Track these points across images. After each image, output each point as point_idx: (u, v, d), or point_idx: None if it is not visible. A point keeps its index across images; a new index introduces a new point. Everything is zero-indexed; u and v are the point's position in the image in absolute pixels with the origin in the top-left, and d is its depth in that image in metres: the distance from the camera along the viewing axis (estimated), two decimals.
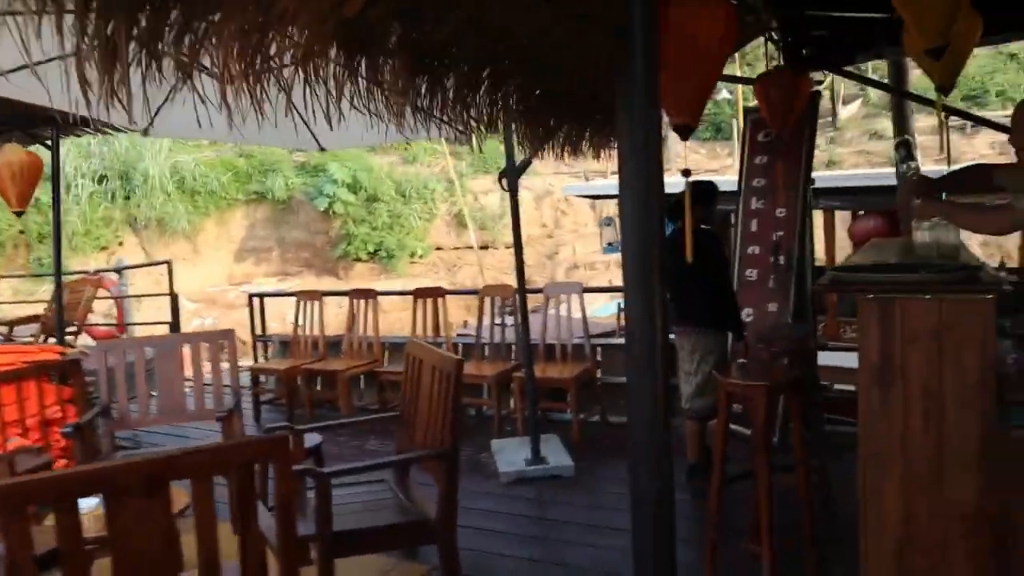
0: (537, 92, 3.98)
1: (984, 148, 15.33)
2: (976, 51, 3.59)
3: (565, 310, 6.03)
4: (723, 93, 18.35)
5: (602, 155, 5.51)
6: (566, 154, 5.08)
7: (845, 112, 19.12)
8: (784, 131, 4.76)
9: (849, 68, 5.27)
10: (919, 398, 2.29)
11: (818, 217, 7.71)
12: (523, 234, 5.16)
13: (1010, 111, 3.09)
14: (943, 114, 3.94)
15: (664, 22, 2.52)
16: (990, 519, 2.25)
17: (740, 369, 3.29)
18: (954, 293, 2.24)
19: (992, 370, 2.22)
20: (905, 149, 3.44)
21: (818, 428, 3.78)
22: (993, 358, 2.22)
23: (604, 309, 14.46)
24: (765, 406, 3.00)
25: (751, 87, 5.59)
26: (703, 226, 4.41)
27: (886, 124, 18.43)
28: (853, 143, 18.17)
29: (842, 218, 9.09)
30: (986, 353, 2.22)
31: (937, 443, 2.28)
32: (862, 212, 8.19)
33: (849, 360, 5.95)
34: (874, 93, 19.14)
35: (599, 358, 5.97)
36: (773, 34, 4.83)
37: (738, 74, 10.63)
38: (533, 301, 6.24)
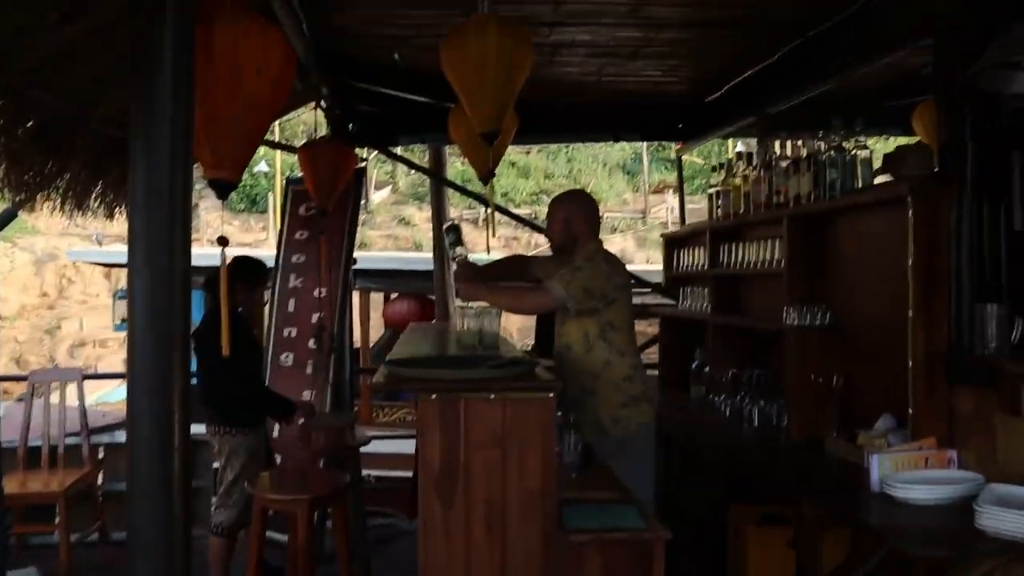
0: (30, 123, 3.10)
1: (494, 242, 17.26)
2: None
3: (62, 399, 4.90)
4: (261, 164, 17.98)
5: (118, 215, 4.66)
6: (71, 210, 4.14)
7: (377, 197, 20.12)
8: (328, 205, 4.51)
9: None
10: (482, 505, 2.06)
11: (354, 298, 7.70)
12: (16, 303, 4.03)
13: (515, 210, 3.30)
14: (489, 208, 4.08)
15: (205, 48, 2.02)
16: None
17: (275, 477, 2.81)
18: (517, 391, 2.07)
19: (553, 472, 2.08)
20: (454, 234, 3.37)
21: (361, 531, 3.44)
22: (553, 459, 2.09)
23: (116, 393, 12.70)
24: (307, 521, 2.55)
25: (288, 159, 5.24)
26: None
27: (413, 211, 19.83)
28: (383, 227, 19.13)
29: (375, 300, 9.24)
30: (547, 454, 2.08)
31: (500, 553, 2.06)
32: (395, 295, 8.39)
33: (385, 446, 5.78)
34: (403, 181, 20.52)
35: (101, 458, 4.92)
36: (323, 102, 4.60)
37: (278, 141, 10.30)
38: (17, 389, 4.97)
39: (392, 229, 19.10)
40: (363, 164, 4.88)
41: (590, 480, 2.54)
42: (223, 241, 2.24)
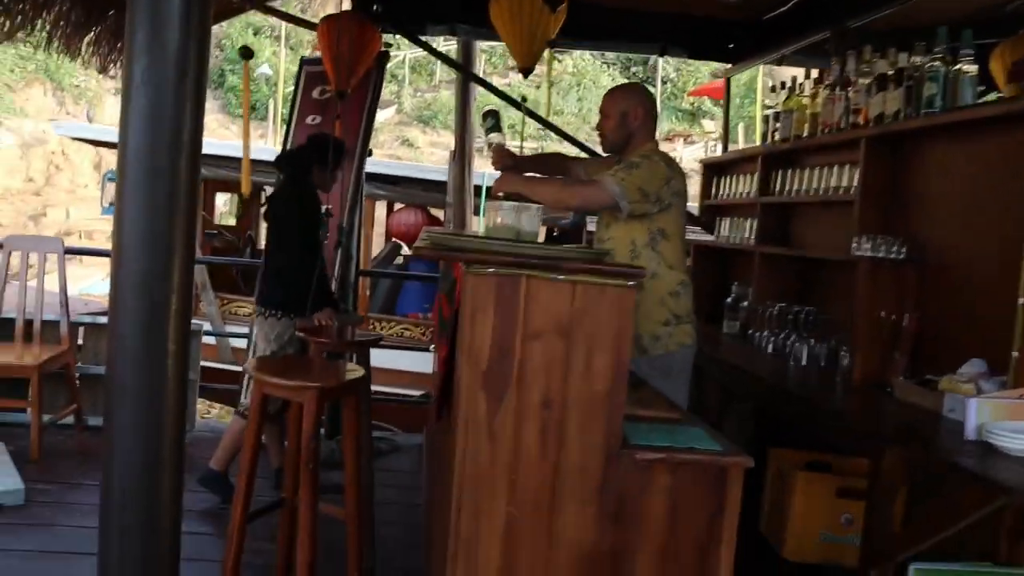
0: None
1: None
2: None
3: (41, 270, 4.49)
4: (263, 67, 17.25)
5: (112, 71, 4.22)
6: (58, 51, 3.67)
7: (380, 116, 19.51)
8: (347, 87, 4.09)
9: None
10: (537, 409, 1.72)
11: None
12: (0, 186, 3.61)
13: (522, 144, 2.98)
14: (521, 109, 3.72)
15: None
16: (605, 563, 1.77)
17: (281, 363, 2.47)
18: (592, 275, 1.71)
19: (625, 376, 1.75)
20: (493, 119, 2.98)
21: (368, 433, 3.12)
22: (627, 360, 1.75)
23: (101, 286, 12.36)
24: (316, 414, 2.21)
25: (292, 66, 4.76)
26: (304, 188, 3.57)
27: (416, 134, 19.28)
28: (386, 147, 18.57)
29: (377, 215, 8.82)
30: (621, 354, 1.74)
31: (553, 465, 1.74)
32: (401, 206, 7.96)
33: (382, 359, 5.47)
34: (408, 102, 19.89)
35: (80, 341, 4.57)
36: None
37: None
38: None
39: (394, 149, 18.53)
40: (387, 50, 4.43)
41: (643, 398, 2.21)
42: (247, 52, 1.86)
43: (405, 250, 8.61)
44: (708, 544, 1.79)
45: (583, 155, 4.13)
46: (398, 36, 4.64)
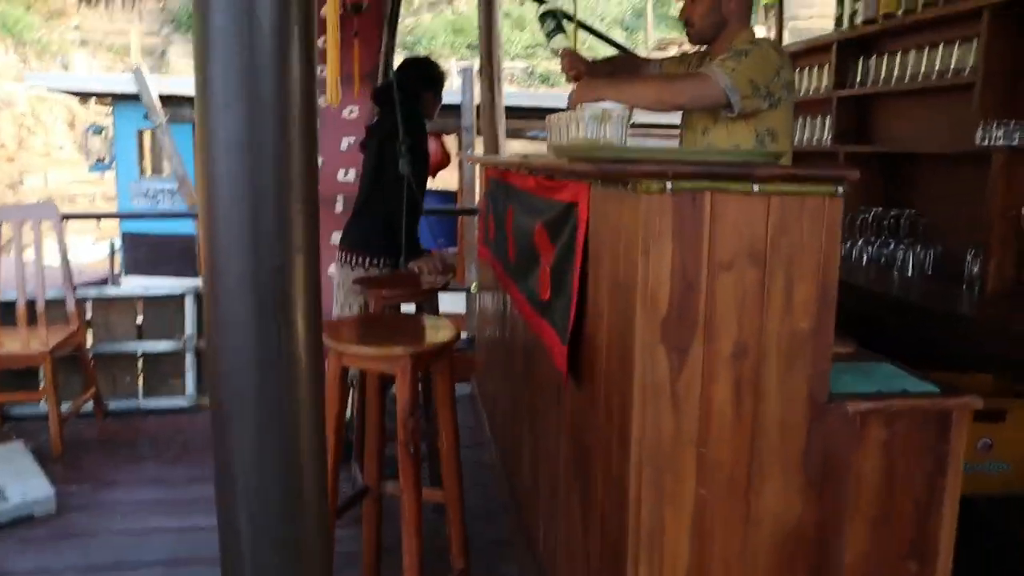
0: None
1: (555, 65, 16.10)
2: None
3: (38, 242, 4.05)
4: None
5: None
6: (19, 26, 3.17)
7: None
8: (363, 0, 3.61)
9: None
10: (728, 359, 1.35)
11: None
12: None
13: (509, 63, 2.52)
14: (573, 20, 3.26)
15: None
16: (811, 539, 1.43)
17: (357, 325, 2.08)
18: (794, 183, 1.32)
19: (833, 309, 1.38)
20: (554, 21, 2.52)
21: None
22: (836, 290, 1.38)
23: (89, 252, 11.89)
24: (412, 384, 1.83)
25: None
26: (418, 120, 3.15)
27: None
28: None
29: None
30: (828, 281, 1.36)
31: (749, 426, 1.38)
32: None
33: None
34: None
35: (89, 317, 4.12)
36: None
37: None
38: None
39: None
40: None
41: None
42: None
43: None
44: (929, 505, 1.46)
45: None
46: None
